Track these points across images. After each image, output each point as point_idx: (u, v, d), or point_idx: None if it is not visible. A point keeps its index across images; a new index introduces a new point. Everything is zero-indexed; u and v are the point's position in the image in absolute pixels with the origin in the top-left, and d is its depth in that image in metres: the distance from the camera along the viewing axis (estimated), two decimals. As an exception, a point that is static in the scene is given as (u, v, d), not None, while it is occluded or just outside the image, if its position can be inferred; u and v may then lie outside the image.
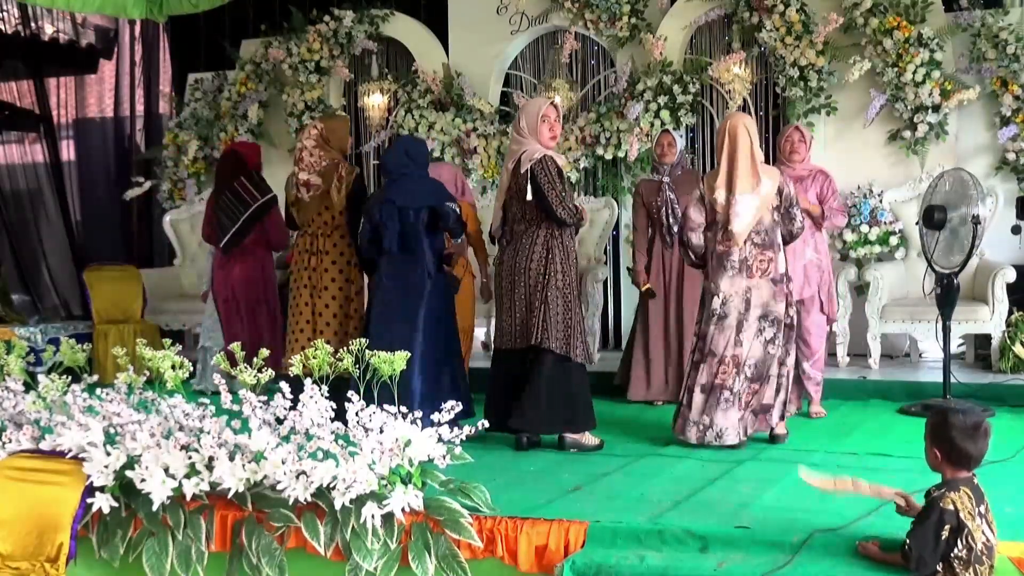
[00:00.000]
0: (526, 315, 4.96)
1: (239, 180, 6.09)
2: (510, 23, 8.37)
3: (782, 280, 4.92)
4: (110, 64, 10.57)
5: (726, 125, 4.95)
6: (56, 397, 4.33)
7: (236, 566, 3.73)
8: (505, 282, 5.05)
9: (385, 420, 3.64)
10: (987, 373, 6.46)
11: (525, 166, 4.94)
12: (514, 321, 5.00)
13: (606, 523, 3.50)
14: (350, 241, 5.53)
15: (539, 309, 4.91)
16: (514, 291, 5.00)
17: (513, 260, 5.02)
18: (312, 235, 5.59)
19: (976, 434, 3.11)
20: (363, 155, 8.95)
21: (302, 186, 5.54)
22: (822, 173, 5.75)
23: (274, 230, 6.12)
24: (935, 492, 3.07)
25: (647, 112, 7.68)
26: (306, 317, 5.54)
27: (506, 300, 5.04)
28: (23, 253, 10.31)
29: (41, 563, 3.93)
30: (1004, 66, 6.89)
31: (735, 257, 4.85)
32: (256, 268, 6.18)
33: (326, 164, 5.54)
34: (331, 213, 5.54)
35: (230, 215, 6.07)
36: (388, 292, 5.17)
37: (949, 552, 2.98)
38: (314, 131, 5.65)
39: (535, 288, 4.93)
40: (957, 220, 5.54)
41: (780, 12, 7.28)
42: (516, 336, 5.01)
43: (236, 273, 6.16)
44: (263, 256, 6.22)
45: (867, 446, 4.83)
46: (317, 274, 5.54)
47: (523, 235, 5.00)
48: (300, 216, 5.64)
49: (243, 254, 6.13)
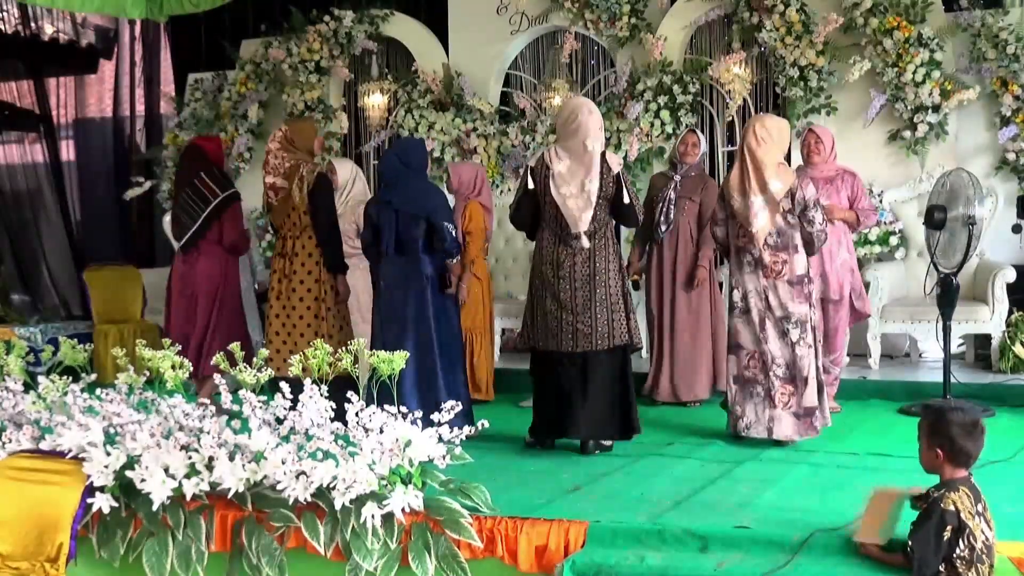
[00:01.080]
0: (609, 316, 4.89)
1: (199, 176, 5.93)
2: (510, 23, 8.37)
3: (800, 282, 4.93)
4: (110, 64, 10.57)
5: (745, 132, 4.98)
6: (56, 397, 4.33)
7: (236, 566, 3.73)
8: (579, 284, 4.88)
9: (385, 420, 3.65)
10: (987, 373, 6.46)
11: (616, 168, 4.91)
12: (595, 323, 4.87)
13: (606, 523, 3.50)
14: (318, 241, 5.51)
15: (623, 309, 4.91)
16: (594, 292, 4.88)
17: (591, 262, 4.90)
18: (283, 238, 5.58)
19: (975, 431, 3.11)
20: (363, 155, 8.95)
21: (269, 189, 5.56)
22: (850, 174, 5.76)
23: (229, 228, 5.93)
24: (934, 493, 3.07)
25: (647, 112, 7.68)
26: (281, 320, 5.52)
27: (580, 302, 4.87)
28: (23, 253, 10.32)
29: (41, 563, 3.93)
30: (1004, 66, 6.89)
31: (751, 255, 4.92)
32: (217, 265, 5.98)
33: (289, 166, 5.53)
34: (298, 214, 5.50)
35: (191, 212, 5.93)
36: (383, 297, 5.21)
37: (951, 552, 2.98)
38: (278, 134, 5.64)
39: (617, 290, 4.92)
40: (955, 220, 5.54)
41: (780, 12, 7.27)
42: (598, 339, 4.87)
43: (199, 270, 5.97)
44: (223, 254, 6.02)
45: (867, 446, 4.83)
46: (287, 277, 5.52)
47: (595, 235, 4.90)
48: (274, 219, 5.64)
49: (205, 252, 5.95)
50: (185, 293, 6.00)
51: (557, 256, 4.93)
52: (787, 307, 4.89)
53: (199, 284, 5.96)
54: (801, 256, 4.95)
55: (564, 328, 4.89)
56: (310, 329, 5.45)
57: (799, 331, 4.88)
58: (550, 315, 4.93)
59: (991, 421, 4.61)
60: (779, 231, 4.89)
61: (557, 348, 4.91)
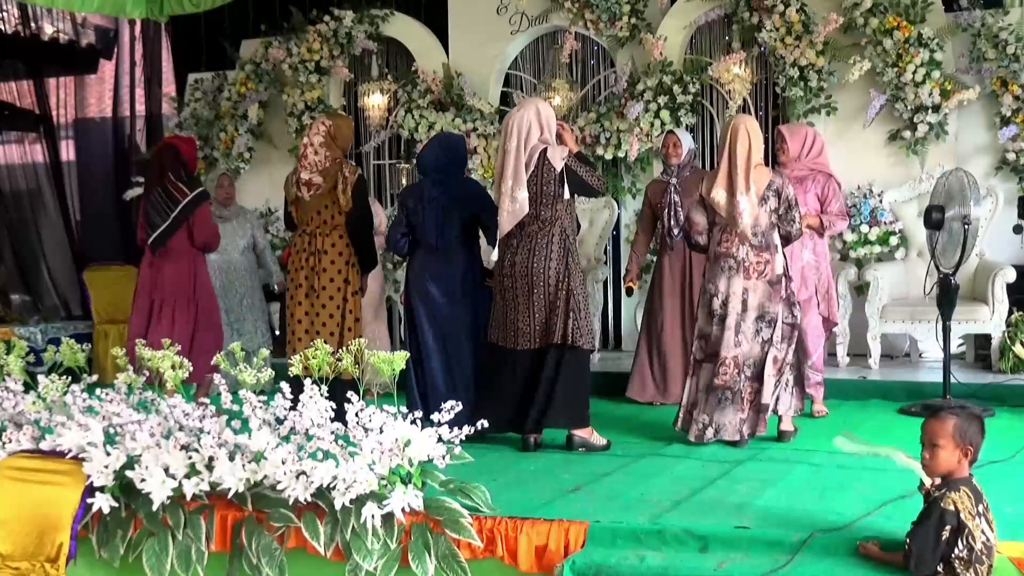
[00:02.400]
0: (547, 315, 4.92)
1: (168, 178, 5.94)
2: (510, 23, 8.37)
3: (779, 281, 4.93)
4: (110, 64, 10.57)
5: (729, 126, 4.99)
6: (56, 397, 4.33)
7: (236, 566, 3.72)
8: (520, 282, 4.95)
9: (385, 420, 3.64)
10: (987, 373, 6.46)
11: (559, 165, 4.91)
12: (533, 321, 4.93)
13: (606, 523, 3.49)
14: (348, 241, 5.53)
15: (563, 308, 4.90)
16: (532, 291, 4.92)
17: (529, 261, 4.93)
18: (311, 234, 5.56)
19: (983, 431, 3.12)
20: (363, 155, 8.95)
21: (303, 185, 5.51)
22: (824, 175, 5.69)
23: (200, 229, 5.95)
24: (935, 492, 3.06)
25: (647, 112, 7.68)
26: (298, 317, 5.52)
27: (521, 300, 4.94)
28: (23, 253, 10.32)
29: (41, 563, 3.93)
30: (1004, 66, 6.89)
31: (733, 259, 4.89)
32: (185, 268, 6.00)
33: (329, 164, 5.52)
34: (331, 212, 5.51)
35: (161, 212, 5.94)
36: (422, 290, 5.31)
37: (950, 552, 2.97)
38: (323, 127, 5.57)
39: (557, 287, 4.91)
40: (952, 220, 5.55)
41: (780, 12, 7.28)
42: (536, 336, 4.94)
43: (166, 273, 5.99)
44: (194, 256, 6.04)
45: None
46: (315, 274, 5.51)
47: (537, 235, 4.94)
48: (298, 215, 5.62)
49: (173, 253, 5.96)
50: (150, 294, 6.00)
51: (501, 252, 5.05)
52: (764, 306, 4.89)
53: (166, 289, 5.96)
54: (780, 256, 4.96)
55: (507, 325, 5.00)
56: (326, 328, 5.48)
57: (771, 330, 4.89)
58: (496, 309, 5.08)
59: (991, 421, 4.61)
60: (762, 231, 4.89)
61: (503, 343, 5.02)
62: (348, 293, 5.54)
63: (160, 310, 5.96)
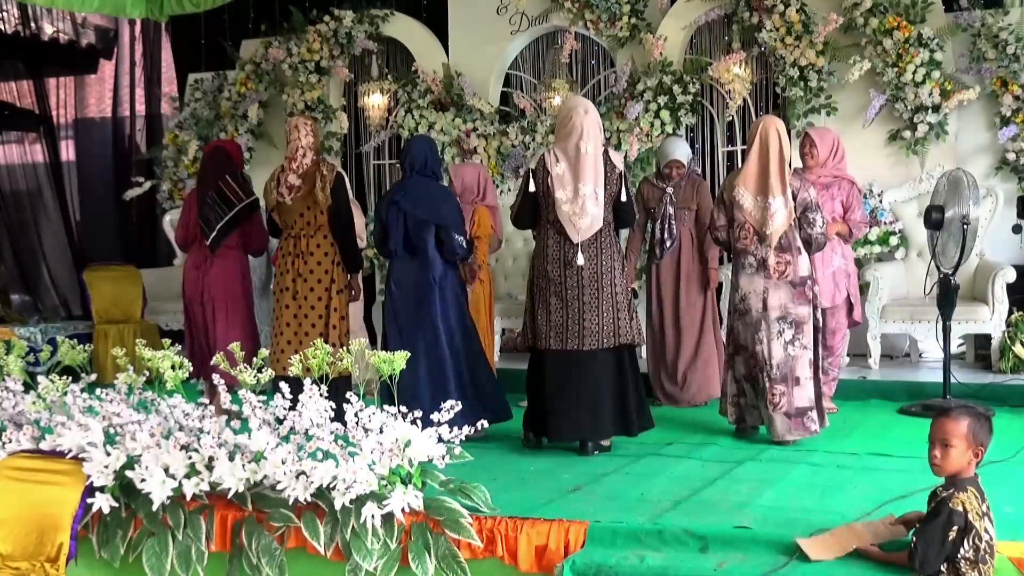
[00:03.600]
0: (615, 314, 4.90)
1: (224, 179, 5.91)
2: (510, 23, 8.37)
3: (803, 283, 4.93)
4: (110, 64, 10.58)
5: (759, 128, 4.97)
6: (56, 397, 4.34)
7: (236, 566, 3.73)
8: (587, 282, 4.87)
9: (385, 420, 3.65)
10: (987, 373, 6.46)
11: (620, 167, 4.92)
12: (602, 320, 4.87)
13: (606, 523, 3.50)
14: (332, 241, 5.51)
15: (627, 307, 4.92)
16: (601, 290, 4.87)
17: (598, 260, 4.89)
18: (295, 237, 5.52)
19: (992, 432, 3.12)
20: (363, 155, 8.95)
21: (285, 188, 5.52)
22: (848, 181, 5.72)
23: (256, 233, 5.97)
24: (943, 493, 3.04)
25: (647, 112, 7.68)
26: (286, 320, 5.50)
27: (589, 299, 4.86)
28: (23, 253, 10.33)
29: (41, 563, 3.93)
30: (1004, 66, 6.89)
31: (753, 257, 4.93)
32: (235, 268, 5.98)
33: (309, 165, 5.53)
34: (313, 213, 5.47)
35: (216, 214, 5.91)
36: (396, 298, 5.23)
37: (956, 553, 2.96)
38: (308, 129, 5.56)
39: (622, 287, 4.94)
40: (952, 220, 5.54)
41: (780, 12, 7.27)
42: (605, 336, 4.87)
43: (215, 272, 5.94)
44: (241, 257, 6.03)
45: (867, 446, 4.82)
46: (302, 277, 5.50)
47: (601, 234, 4.91)
48: (283, 219, 5.61)
49: (220, 256, 5.92)
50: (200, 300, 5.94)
51: (564, 255, 4.91)
52: (786, 308, 4.89)
53: (216, 289, 5.94)
54: (804, 258, 4.96)
55: (570, 327, 4.88)
56: (315, 329, 5.45)
57: (794, 331, 4.89)
58: (554, 313, 4.92)
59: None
60: (784, 232, 4.90)
61: (563, 347, 4.89)
62: (333, 292, 5.50)
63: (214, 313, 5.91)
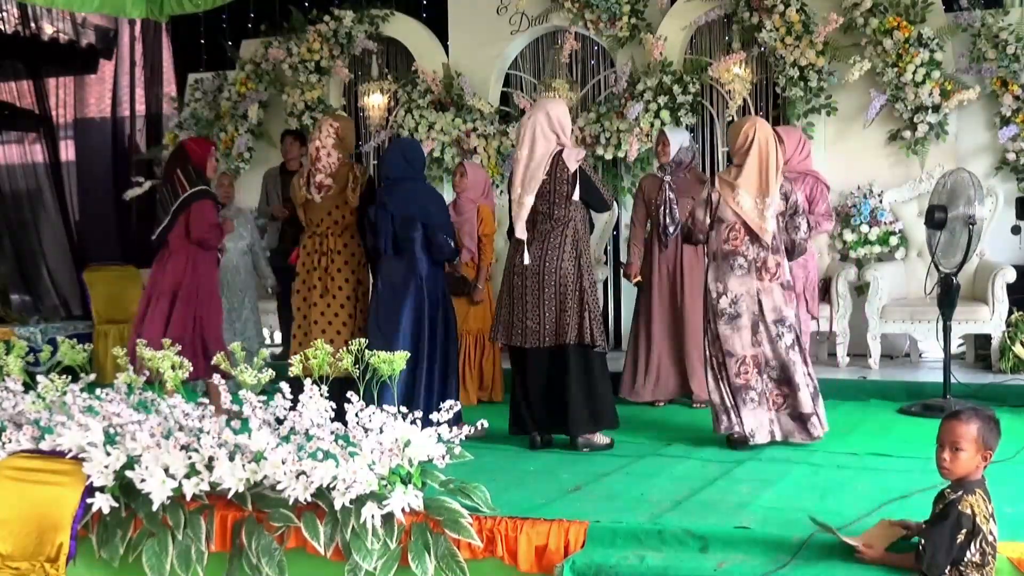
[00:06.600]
0: (558, 314, 4.92)
1: (175, 173, 5.87)
2: (510, 23, 8.37)
3: (791, 286, 4.93)
4: (110, 64, 10.57)
5: (755, 133, 4.87)
6: (56, 397, 4.33)
7: (236, 566, 3.73)
8: (530, 281, 4.97)
9: (385, 420, 3.65)
10: (987, 373, 6.46)
11: (573, 165, 4.95)
12: (543, 320, 4.93)
13: (606, 523, 3.49)
14: (360, 241, 5.55)
15: (577, 307, 4.91)
16: (543, 290, 4.93)
17: (541, 259, 4.95)
18: (321, 235, 5.55)
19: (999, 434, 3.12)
20: (363, 155, 8.95)
21: (315, 187, 5.53)
22: (812, 176, 5.74)
23: (195, 223, 5.80)
24: (951, 495, 3.02)
25: (647, 112, 7.68)
26: (313, 318, 5.50)
27: (530, 298, 4.96)
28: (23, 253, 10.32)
29: (41, 563, 3.93)
30: (1004, 66, 6.89)
31: (743, 258, 4.86)
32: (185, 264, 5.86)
33: (339, 165, 5.55)
34: (341, 213, 5.52)
35: (164, 208, 5.89)
36: (380, 294, 5.29)
37: (962, 556, 2.94)
38: (331, 129, 5.57)
39: (570, 287, 4.92)
40: (955, 220, 5.54)
41: (780, 12, 7.27)
42: (545, 335, 4.94)
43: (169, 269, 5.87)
44: (193, 252, 5.89)
45: (867, 446, 4.82)
46: (328, 275, 5.52)
47: (550, 234, 4.96)
48: (309, 217, 5.63)
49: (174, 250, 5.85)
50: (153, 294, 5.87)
51: (516, 253, 5.05)
52: (781, 310, 4.86)
53: (164, 284, 5.87)
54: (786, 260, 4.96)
55: (515, 323, 5.02)
56: (346, 328, 5.47)
57: (792, 335, 4.87)
58: (504, 308, 5.09)
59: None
60: (774, 234, 4.89)
61: (508, 342, 5.06)
62: (360, 293, 5.56)
63: (156, 305, 5.87)
